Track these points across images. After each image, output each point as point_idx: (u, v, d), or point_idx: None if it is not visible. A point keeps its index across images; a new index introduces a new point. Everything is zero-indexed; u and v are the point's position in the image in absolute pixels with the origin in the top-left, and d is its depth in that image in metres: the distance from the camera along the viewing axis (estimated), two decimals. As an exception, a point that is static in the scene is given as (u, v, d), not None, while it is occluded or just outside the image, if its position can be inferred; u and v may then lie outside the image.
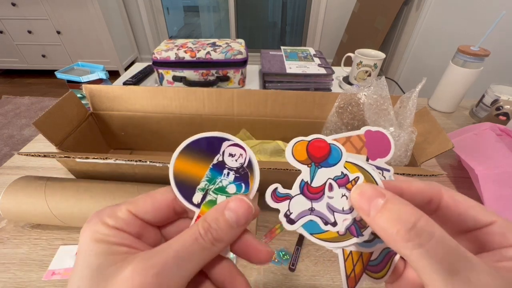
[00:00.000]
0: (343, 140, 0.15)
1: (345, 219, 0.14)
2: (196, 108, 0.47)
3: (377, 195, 0.13)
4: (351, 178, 0.14)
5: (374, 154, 0.15)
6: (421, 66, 1.63)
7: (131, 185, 0.36)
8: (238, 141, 0.15)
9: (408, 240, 0.11)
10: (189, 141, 0.15)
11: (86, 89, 0.47)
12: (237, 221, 0.14)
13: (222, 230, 0.14)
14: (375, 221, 0.12)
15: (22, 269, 0.34)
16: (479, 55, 0.59)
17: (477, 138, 0.48)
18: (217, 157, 0.15)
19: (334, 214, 0.14)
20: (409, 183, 0.14)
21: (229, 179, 0.15)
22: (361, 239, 0.14)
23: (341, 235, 0.14)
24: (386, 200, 0.12)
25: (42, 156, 0.33)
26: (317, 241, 0.14)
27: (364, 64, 0.76)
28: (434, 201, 0.14)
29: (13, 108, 1.88)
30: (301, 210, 0.15)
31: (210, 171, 0.15)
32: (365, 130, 0.15)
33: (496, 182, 0.40)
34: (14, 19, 1.99)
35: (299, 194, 0.15)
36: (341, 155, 0.15)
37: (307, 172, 0.15)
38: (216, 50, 0.72)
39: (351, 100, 0.46)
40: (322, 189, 0.15)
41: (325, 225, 0.14)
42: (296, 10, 2.52)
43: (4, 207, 0.35)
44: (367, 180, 0.14)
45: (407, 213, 0.12)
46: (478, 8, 1.27)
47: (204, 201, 0.15)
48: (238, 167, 0.15)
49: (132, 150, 0.54)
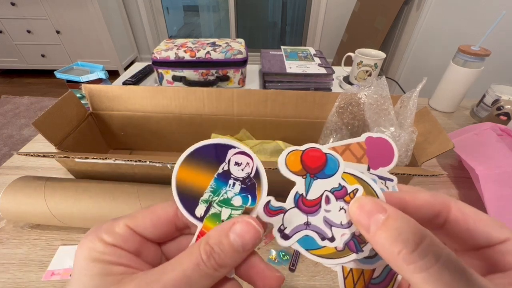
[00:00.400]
0: (342, 149, 0.14)
1: (344, 233, 0.13)
2: (196, 108, 0.47)
3: (377, 210, 0.12)
4: (350, 190, 0.13)
5: (376, 163, 0.14)
6: (422, 66, 1.63)
7: (131, 185, 0.36)
8: (245, 149, 0.14)
9: (411, 262, 0.10)
10: (193, 148, 0.14)
11: (86, 89, 0.46)
12: (243, 246, 0.13)
13: (226, 255, 0.12)
14: (375, 238, 0.11)
15: (21, 269, 0.34)
16: (480, 54, 0.59)
17: (477, 138, 0.48)
18: (222, 166, 0.14)
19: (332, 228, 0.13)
20: (414, 194, 0.13)
21: (235, 190, 0.14)
22: (361, 255, 0.13)
23: (339, 251, 0.13)
24: (388, 215, 0.11)
25: (42, 156, 0.33)
26: (314, 258, 0.13)
27: (365, 63, 0.75)
28: (442, 215, 0.13)
29: (12, 108, 1.88)
30: (296, 224, 0.14)
31: (215, 181, 0.14)
32: (366, 137, 0.14)
33: (497, 182, 0.40)
34: (13, 19, 1.99)
35: (294, 208, 0.14)
36: (338, 165, 0.14)
37: (302, 183, 0.14)
38: (216, 49, 0.72)
39: (351, 100, 0.45)
40: (319, 202, 0.14)
41: (322, 240, 0.13)
42: (296, 9, 2.52)
43: (3, 207, 0.35)
44: (367, 193, 0.13)
45: (410, 231, 0.10)
46: (479, 8, 1.27)
47: (208, 214, 0.14)
48: (244, 177, 0.14)
49: (132, 150, 0.54)
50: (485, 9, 1.23)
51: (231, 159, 0.14)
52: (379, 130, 0.42)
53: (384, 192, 0.13)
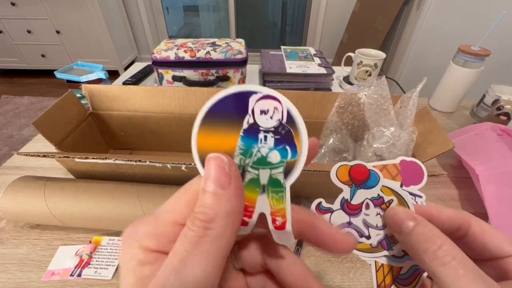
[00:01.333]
0: (380, 167, 0.17)
1: (378, 234, 0.16)
2: (196, 108, 0.47)
3: (408, 218, 0.14)
4: (386, 200, 0.16)
5: (408, 181, 0.16)
6: (422, 66, 1.63)
7: (131, 185, 0.36)
8: (269, 90, 0.12)
9: (433, 258, 0.13)
10: (208, 106, 0.12)
11: (86, 89, 0.46)
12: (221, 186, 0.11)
13: (208, 207, 0.11)
14: (405, 239, 0.14)
15: (21, 269, 0.34)
16: (480, 55, 0.59)
17: (477, 138, 0.48)
18: (247, 119, 0.12)
19: (369, 229, 0.16)
20: (439, 210, 0.15)
21: (268, 144, 0.12)
22: (391, 253, 0.16)
23: (373, 247, 0.16)
24: (417, 223, 0.14)
25: (42, 156, 0.33)
26: (354, 251, 0.16)
27: (365, 63, 0.75)
28: (463, 229, 0.15)
29: (12, 108, 1.88)
30: (340, 222, 0.17)
31: (242, 140, 0.12)
32: (400, 160, 0.17)
33: (497, 182, 0.40)
34: (13, 19, 1.99)
35: (340, 209, 0.17)
36: (378, 179, 0.16)
37: (347, 191, 0.17)
38: (216, 49, 0.72)
39: (351, 100, 0.45)
40: (360, 206, 0.16)
41: (360, 237, 0.16)
42: (296, 9, 2.52)
43: (4, 207, 0.35)
44: (400, 203, 0.16)
45: (434, 237, 0.13)
46: (479, 8, 1.27)
47: (244, 183, 0.12)
48: (276, 126, 0.12)
49: (132, 150, 0.54)
50: (485, 9, 1.23)
51: (254, 108, 0.12)
52: (379, 130, 0.42)
53: (414, 205, 0.16)
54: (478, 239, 0.14)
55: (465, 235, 0.15)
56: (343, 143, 0.47)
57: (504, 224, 0.36)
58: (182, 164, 0.33)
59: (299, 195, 0.41)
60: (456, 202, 0.45)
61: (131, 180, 0.38)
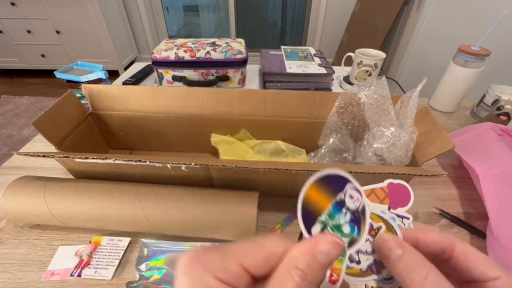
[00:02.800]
0: (369, 192, 0.17)
1: (368, 259, 0.17)
2: (196, 108, 0.47)
3: (397, 246, 0.15)
4: (375, 227, 0.17)
5: (395, 204, 0.17)
6: (422, 66, 1.63)
7: (131, 185, 0.36)
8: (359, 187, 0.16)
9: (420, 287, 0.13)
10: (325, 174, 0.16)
11: (86, 89, 0.46)
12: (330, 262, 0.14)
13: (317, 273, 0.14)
14: (394, 267, 0.15)
15: (21, 269, 0.34)
16: (480, 54, 0.59)
17: (477, 138, 0.48)
18: (340, 195, 0.16)
19: (359, 254, 0.17)
20: (425, 233, 0.16)
21: (346, 218, 0.16)
22: (380, 277, 0.17)
23: (363, 271, 0.17)
24: (404, 251, 0.15)
25: (41, 156, 0.33)
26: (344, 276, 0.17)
27: (365, 63, 0.75)
28: (447, 252, 0.16)
29: (12, 108, 1.88)
30: None
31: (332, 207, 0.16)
32: (387, 183, 0.17)
33: (497, 182, 0.40)
34: (13, 19, 1.99)
35: None
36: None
37: None
38: (216, 49, 0.72)
39: (351, 100, 0.45)
40: None
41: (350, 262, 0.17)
42: (296, 9, 2.52)
43: (3, 207, 0.35)
44: (388, 230, 0.17)
45: (420, 266, 0.14)
46: (479, 7, 1.27)
47: None
48: (354, 209, 0.16)
49: (132, 150, 0.54)
50: (485, 9, 1.23)
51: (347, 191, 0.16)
52: (379, 130, 0.42)
53: (401, 228, 0.17)
54: (462, 263, 0.15)
55: (450, 258, 0.16)
56: (343, 143, 0.47)
57: (504, 224, 0.36)
58: (182, 164, 0.33)
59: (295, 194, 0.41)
60: (456, 202, 0.45)
61: (131, 180, 0.38)
